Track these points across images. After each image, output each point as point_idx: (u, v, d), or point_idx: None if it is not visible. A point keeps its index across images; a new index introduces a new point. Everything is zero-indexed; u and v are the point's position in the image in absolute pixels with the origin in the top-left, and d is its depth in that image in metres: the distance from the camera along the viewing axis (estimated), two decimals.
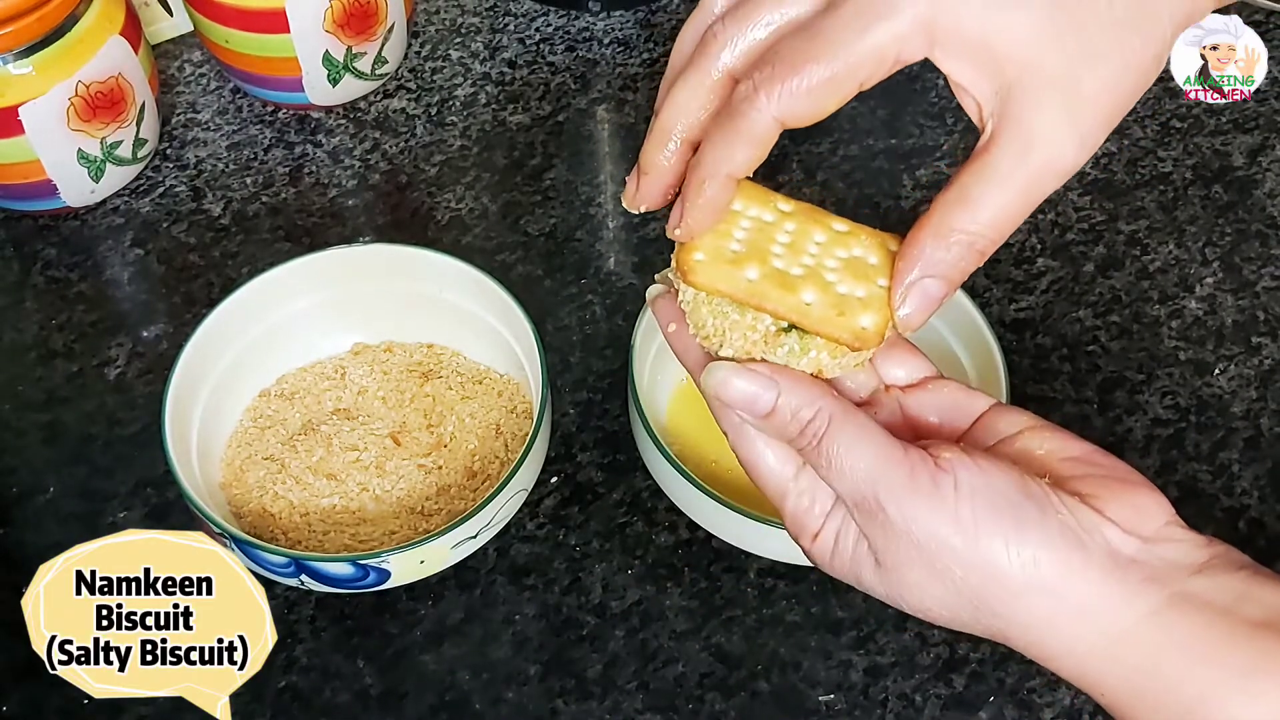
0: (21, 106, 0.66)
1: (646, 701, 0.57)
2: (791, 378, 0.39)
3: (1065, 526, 0.37)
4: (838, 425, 0.38)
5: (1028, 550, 0.37)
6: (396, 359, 0.66)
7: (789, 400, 0.39)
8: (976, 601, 0.38)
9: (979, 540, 0.37)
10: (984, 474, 0.37)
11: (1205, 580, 0.37)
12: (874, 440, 0.38)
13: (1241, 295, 0.71)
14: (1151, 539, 0.38)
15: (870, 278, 0.41)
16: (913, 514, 0.37)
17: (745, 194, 0.43)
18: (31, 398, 0.67)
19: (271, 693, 0.57)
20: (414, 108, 0.80)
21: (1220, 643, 0.36)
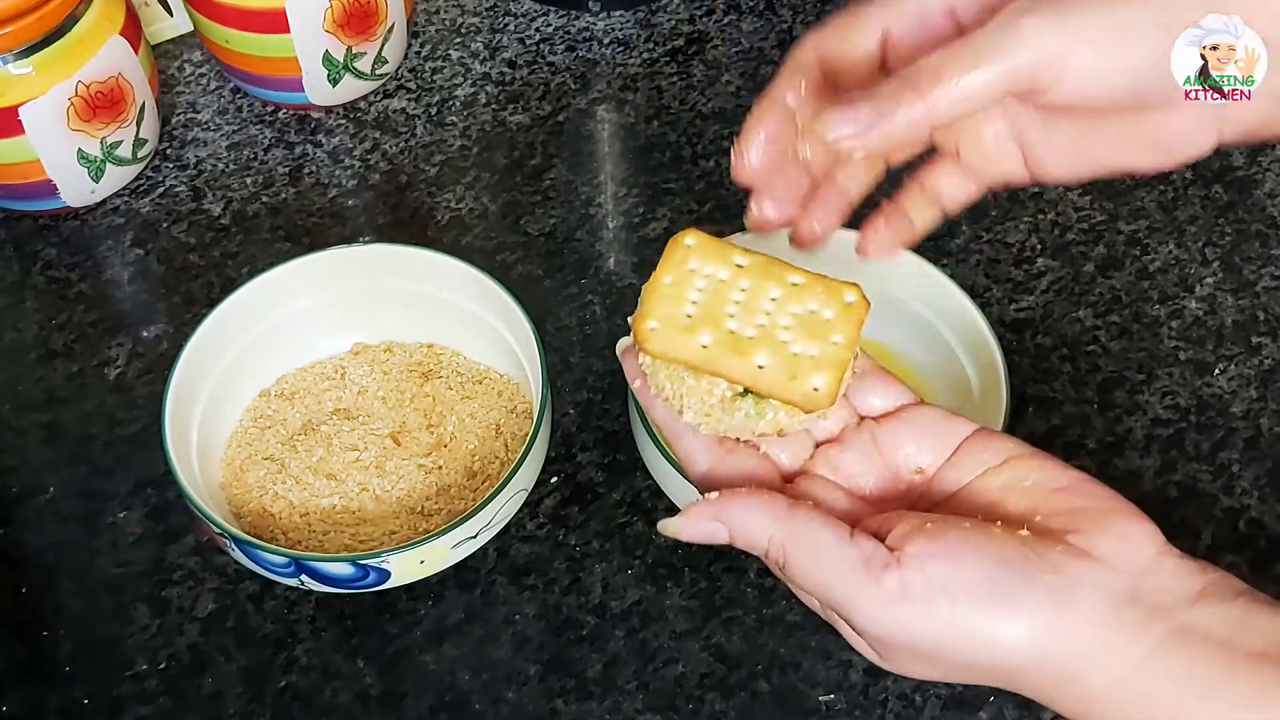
0: (21, 106, 0.66)
1: (646, 701, 0.57)
2: (739, 511, 0.39)
3: (1053, 588, 0.36)
4: (793, 552, 0.38)
5: (1019, 626, 0.36)
6: (396, 359, 0.66)
7: (741, 533, 0.39)
8: (981, 675, 0.38)
9: (966, 630, 0.36)
10: (953, 560, 0.37)
11: (1202, 610, 0.36)
12: (835, 560, 0.38)
13: (1241, 295, 0.71)
14: (1144, 572, 0.37)
15: (824, 335, 0.42)
16: (892, 624, 0.37)
17: (702, 252, 0.44)
18: (31, 398, 0.67)
19: (271, 693, 0.57)
20: (414, 108, 0.80)
21: (1220, 677, 0.35)
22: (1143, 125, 0.41)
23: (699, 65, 0.82)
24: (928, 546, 0.37)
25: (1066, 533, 0.38)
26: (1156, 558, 0.37)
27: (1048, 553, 0.37)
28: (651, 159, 0.78)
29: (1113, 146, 0.42)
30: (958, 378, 0.62)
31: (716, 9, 0.85)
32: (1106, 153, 0.42)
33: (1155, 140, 0.41)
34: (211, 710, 0.57)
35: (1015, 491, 0.40)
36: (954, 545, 0.37)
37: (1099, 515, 0.38)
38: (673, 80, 0.82)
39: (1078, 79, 0.38)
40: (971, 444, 0.42)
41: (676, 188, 0.76)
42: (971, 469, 0.41)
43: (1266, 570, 0.61)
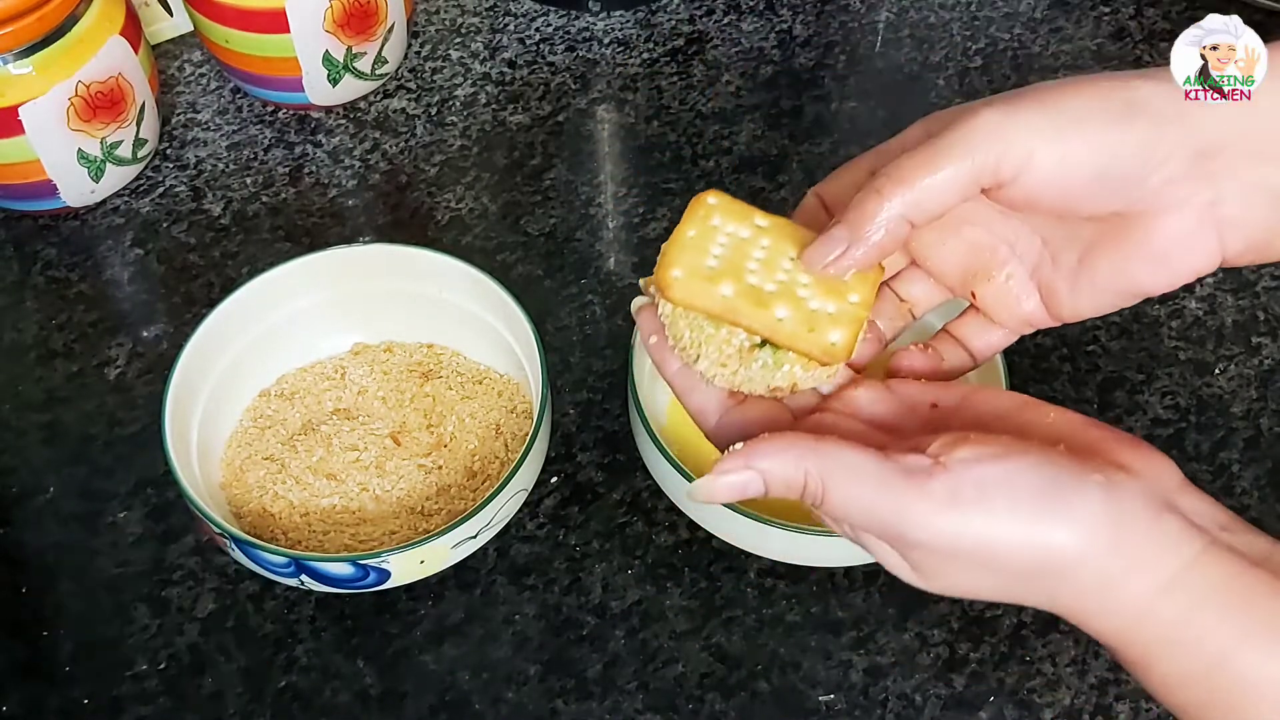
0: (21, 106, 0.66)
1: (646, 701, 0.57)
2: (768, 453, 0.39)
3: (1104, 489, 0.36)
4: (833, 480, 0.38)
5: (1073, 525, 0.36)
6: (396, 359, 0.66)
7: (776, 476, 0.39)
8: (1025, 584, 0.38)
9: (1021, 531, 0.36)
10: (1004, 461, 0.37)
11: (1233, 536, 0.37)
12: (875, 478, 0.38)
13: (1241, 295, 0.71)
14: (1178, 491, 0.38)
15: (841, 294, 0.43)
16: (947, 531, 0.37)
17: (724, 211, 0.45)
18: (31, 398, 0.67)
19: (271, 693, 0.57)
20: (414, 108, 0.80)
21: (1252, 594, 0.35)
22: (1135, 235, 0.41)
23: (699, 65, 0.82)
24: (975, 451, 0.37)
25: (1097, 454, 0.38)
26: (1182, 486, 0.38)
27: (1089, 461, 0.37)
28: (651, 159, 0.78)
29: (1114, 266, 0.42)
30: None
31: (716, 9, 0.85)
32: (1111, 274, 0.42)
33: (1153, 253, 0.41)
34: (211, 710, 0.57)
35: (1038, 427, 0.40)
36: (1001, 450, 0.37)
37: (1126, 444, 0.39)
38: (673, 80, 0.82)
39: (1042, 169, 0.39)
40: (982, 393, 0.43)
41: (676, 188, 0.76)
42: (988, 411, 0.42)
43: None
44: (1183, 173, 0.39)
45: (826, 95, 0.81)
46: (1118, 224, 0.41)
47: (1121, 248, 0.41)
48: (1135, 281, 0.42)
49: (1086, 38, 0.83)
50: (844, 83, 0.82)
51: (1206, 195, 0.40)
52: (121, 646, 0.59)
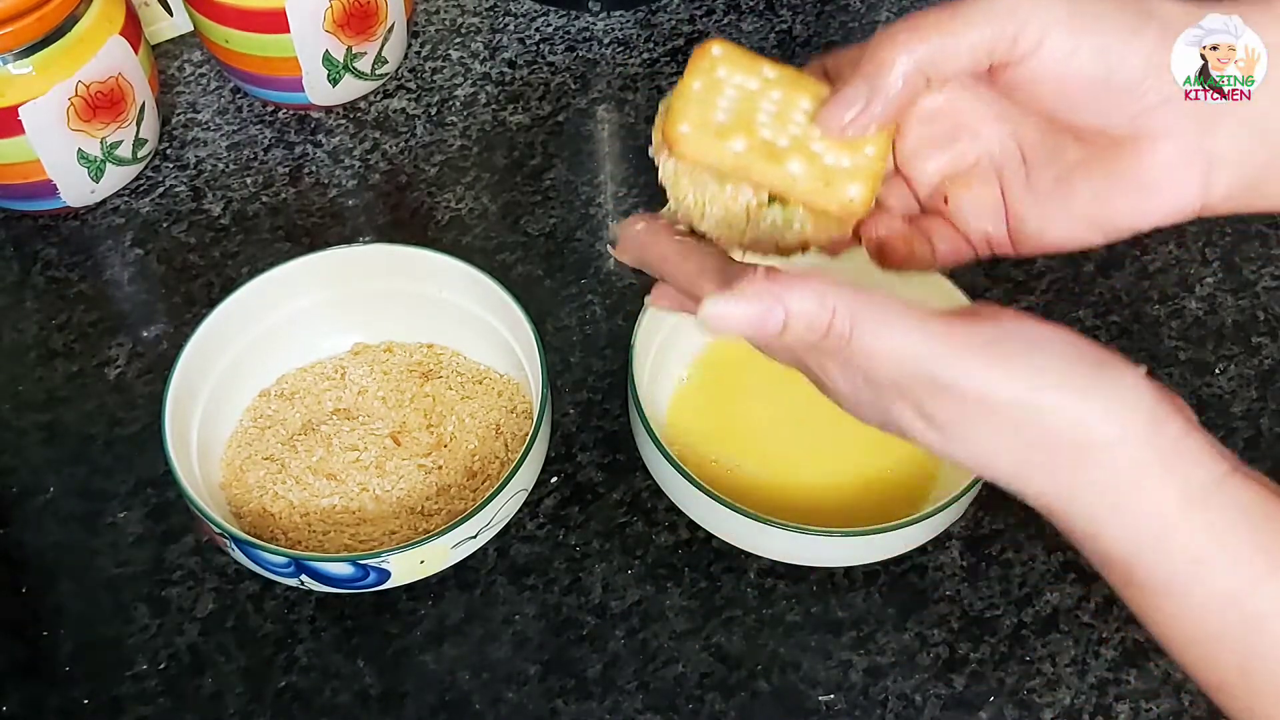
0: (21, 106, 0.66)
1: (646, 701, 0.57)
2: (793, 283, 0.36)
3: (1147, 381, 0.35)
4: (861, 318, 0.35)
5: (1122, 404, 0.34)
6: (396, 359, 0.66)
7: (800, 309, 0.35)
8: (1053, 456, 0.35)
9: (1067, 395, 0.34)
10: (1048, 330, 0.35)
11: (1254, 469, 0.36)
12: (910, 320, 0.35)
13: (1241, 295, 0.71)
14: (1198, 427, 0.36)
15: (857, 147, 0.40)
16: (984, 378, 0.34)
17: (730, 61, 0.42)
18: (31, 398, 0.67)
19: (271, 693, 0.57)
20: (414, 108, 0.80)
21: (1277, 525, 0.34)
22: (1122, 159, 0.40)
23: None
24: (1022, 315, 0.36)
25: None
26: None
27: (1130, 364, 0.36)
28: (651, 159, 0.77)
29: (1094, 191, 0.41)
30: None
31: (716, 9, 0.85)
32: (1088, 199, 0.41)
33: (1137, 181, 0.40)
34: (211, 710, 0.57)
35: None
36: (1048, 323, 0.36)
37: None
38: (673, 80, 0.82)
39: (1050, 58, 0.38)
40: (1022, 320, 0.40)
41: None
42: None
43: None
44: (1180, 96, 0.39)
45: None
46: (1105, 146, 0.40)
47: (1105, 171, 0.40)
48: (1111, 210, 0.41)
49: None
50: None
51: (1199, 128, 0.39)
52: (121, 646, 0.59)
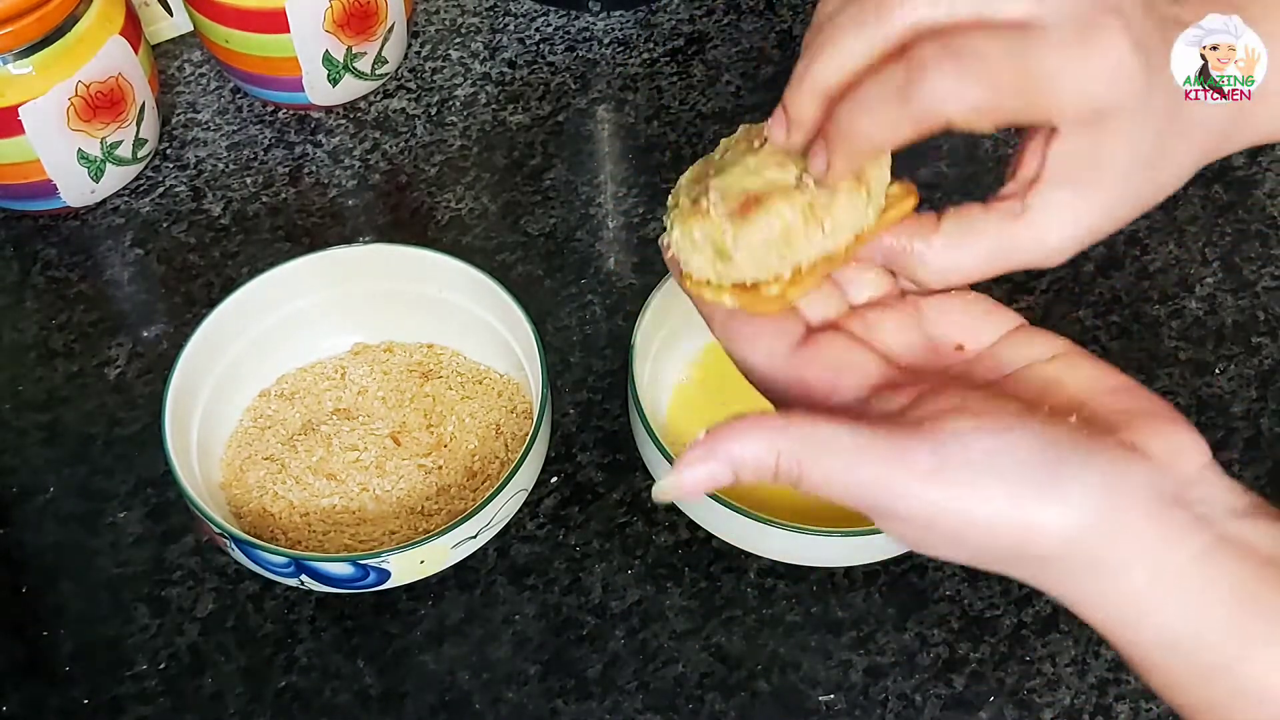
0: (21, 106, 0.66)
1: (646, 701, 0.57)
2: (734, 439, 0.36)
3: (1106, 474, 0.34)
4: (808, 457, 0.35)
5: (1069, 510, 0.33)
6: (396, 359, 0.66)
7: (745, 459, 0.36)
8: (1011, 559, 0.35)
9: (1012, 511, 0.34)
10: (1001, 435, 0.34)
11: (1247, 526, 0.34)
12: (854, 449, 0.35)
13: (1241, 295, 0.71)
14: (1191, 480, 0.35)
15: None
16: (926, 503, 0.34)
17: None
18: (31, 398, 0.67)
19: (271, 693, 0.57)
20: (414, 108, 0.80)
21: (1259, 596, 0.33)
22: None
23: (699, 65, 0.82)
24: (969, 422, 0.34)
25: (1116, 429, 0.36)
26: (1204, 469, 0.36)
27: (1098, 440, 0.35)
28: (651, 159, 0.78)
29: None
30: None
31: (716, 9, 0.85)
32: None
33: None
34: (211, 710, 0.57)
35: (1063, 386, 0.38)
36: (999, 423, 0.34)
37: (1151, 418, 0.36)
38: (673, 80, 0.82)
39: None
40: (1019, 335, 0.40)
41: None
42: (1016, 360, 0.39)
43: None
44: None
45: None
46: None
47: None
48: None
49: None
50: None
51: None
52: (121, 646, 0.59)
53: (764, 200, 0.38)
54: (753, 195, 0.38)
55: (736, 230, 0.38)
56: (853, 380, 0.39)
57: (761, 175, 0.38)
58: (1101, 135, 0.37)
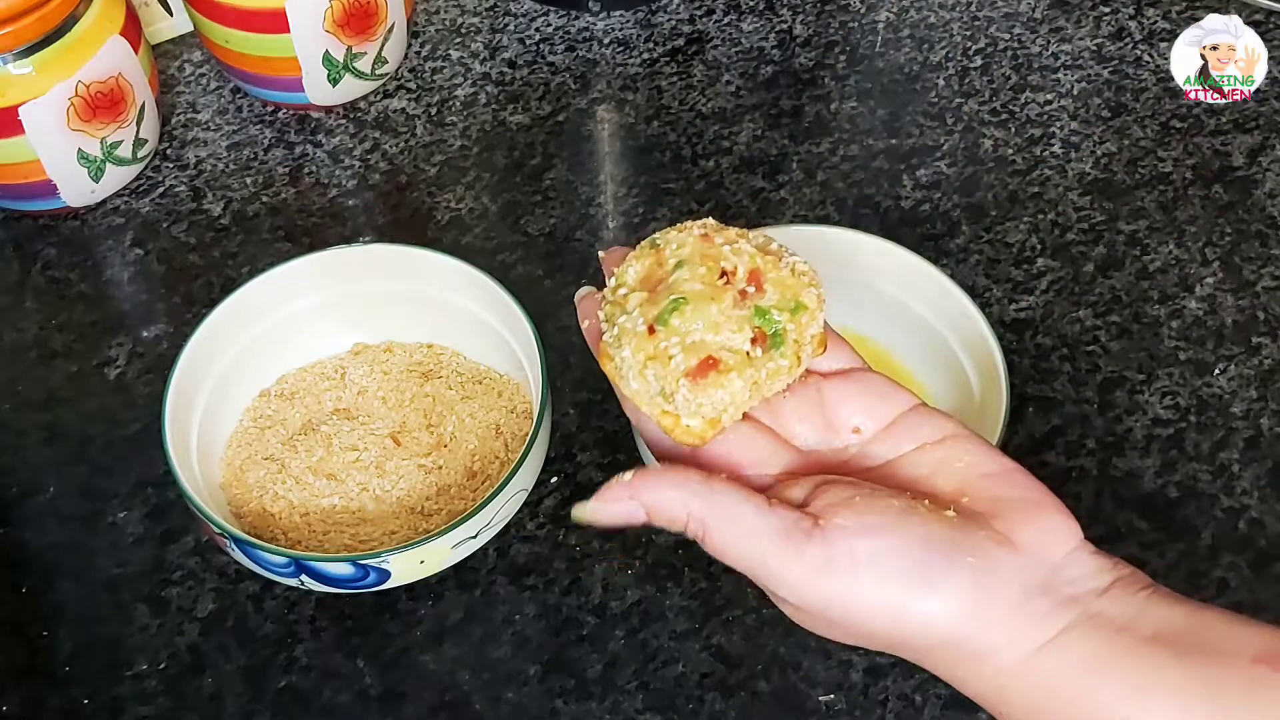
0: (21, 106, 0.66)
1: (646, 701, 0.57)
2: (655, 488, 0.39)
3: (975, 571, 0.37)
4: (714, 525, 0.39)
5: (940, 606, 0.37)
6: (396, 359, 0.66)
7: (657, 507, 0.39)
8: (891, 646, 0.39)
9: (888, 606, 0.37)
10: (881, 536, 0.37)
11: (1106, 601, 0.37)
12: (754, 531, 0.38)
13: (1242, 295, 0.71)
14: (1060, 564, 0.38)
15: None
16: (815, 596, 0.38)
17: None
18: (31, 398, 0.67)
19: (271, 693, 0.57)
20: (414, 108, 0.80)
21: (1115, 659, 0.36)
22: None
23: (699, 65, 0.82)
24: (855, 520, 0.38)
25: (992, 517, 0.39)
26: (1073, 552, 0.38)
27: (971, 535, 0.38)
28: (651, 159, 0.78)
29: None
30: (958, 378, 0.62)
31: (716, 9, 0.85)
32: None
33: None
34: (211, 710, 0.57)
35: (947, 471, 0.41)
36: (881, 521, 0.38)
37: (1024, 506, 0.39)
38: (673, 80, 0.82)
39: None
40: (912, 416, 0.43)
41: (676, 188, 0.76)
42: (907, 441, 0.42)
43: (1267, 570, 0.61)
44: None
45: (826, 95, 0.81)
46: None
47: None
48: None
49: (1086, 38, 0.83)
50: (844, 83, 0.82)
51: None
52: (121, 646, 0.59)
53: (721, 368, 0.40)
54: (710, 359, 0.41)
55: (691, 389, 0.41)
56: (755, 471, 0.42)
57: (721, 333, 0.41)
58: None
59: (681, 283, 0.42)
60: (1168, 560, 0.61)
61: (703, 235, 0.43)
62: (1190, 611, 0.37)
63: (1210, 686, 0.35)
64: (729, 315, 0.41)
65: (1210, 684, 0.35)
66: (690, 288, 0.42)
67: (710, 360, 0.40)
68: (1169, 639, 0.36)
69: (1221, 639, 0.36)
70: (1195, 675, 0.36)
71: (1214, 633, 0.37)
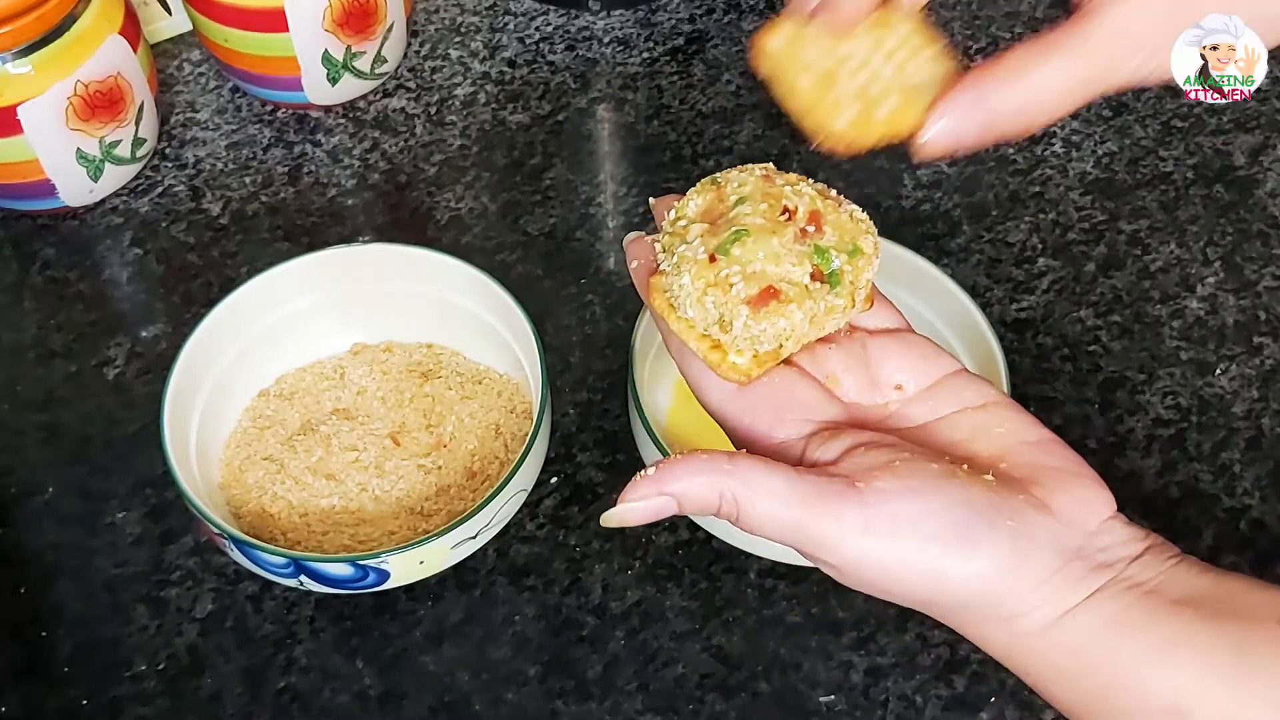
0: (20, 106, 0.66)
1: (646, 702, 0.57)
2: (681, 476, 0.39)
3: (1014, 534, 0.37)
4: (747, 499, 0.38)
5: (977, 566, 0.37)
6: (396, 359, 0.66)
7: (687, 495, 0.39)
8: (928, 602, 0.39)
9: (927, 566, 0.37)
10: (922, 498, 0.37)
11: (1137, 567, 0.38)
12: (790, 497, 0.38)
13: (1243, 295, 0.71)
14: (1095, 532, 0.39)
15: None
16: (853, 555, 0.38)
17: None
18: (30, 398, 0.67)
19: (271, 693, 0.57)
20: (413, 107, 0.80)
21: (1142, 620, 0.37)
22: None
23: (699, 65, 0.82)
24: (895, 483, 0.38)
25: (1030, 484, 0.39)
26: (1107, 522, 0.39)
27: (1010, 499, 0.38)
28: (651, 159, 0.77)
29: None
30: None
31: (716, 9, 0.85)
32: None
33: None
34: (210, 711, 0.57)
35: (986, 436, 0.41)
36: (922, 484, 0.38)
37: (1062, 475, 0.39)
38: (673, 80, 0.81)
39: None
40: (954, 380, 0.43)
41: (676, 188, 0.75)
42: (949, 404, 0.42)
43: (1268, 571, 0.61)
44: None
45: None
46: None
47: None
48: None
49: None
50: None
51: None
52: (120, 647, 0.58)
53: (781, 298, 0.40)
54: (770, 288, 0.40)
55: (750, 317, 0.40)
56: (795, 417, 0.42)
57: (781, 265, 0.41)
58: None
59: (743, 216, 0.42)
60: None
61: (764, 176, 0.44)
62: (1217, 577, 0.38)
63: (1235, 645, 0.36)
64: (790, 249, 0.41)
65: (1235, 643, 0.36)
66: (752, 221, 0.42)
67: (771, 290, 0.40)
68: (1196, 601, 0.37)
69: (1247, 602, 0.37)
70: (1221, 635, 0.36)
71: (1240, 597, 0.37)
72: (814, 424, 0.42)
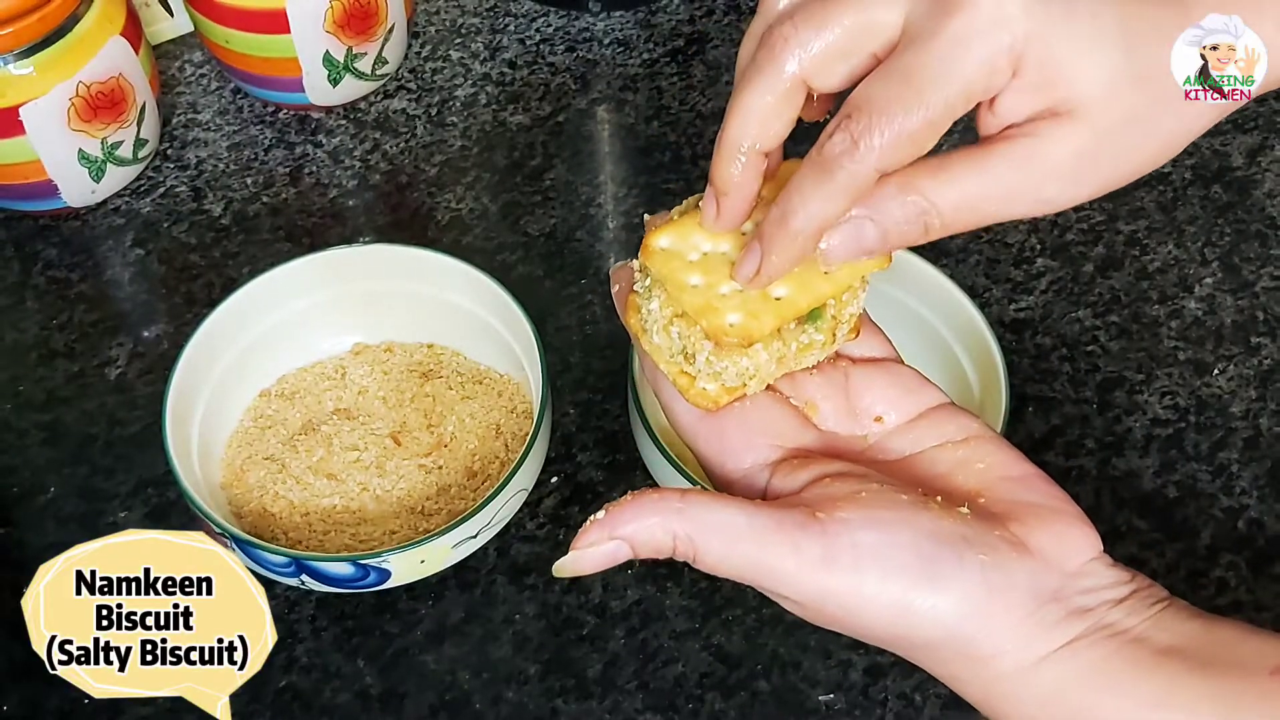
0: (22, 107, 0.66)
1: (646, 701, 0.57)
2: (631, 519, 0.37)
3: (986, 569, 0.36)
4: (701, 540, 0.37)
5: (946, 603, 0.35)
6: (396, 359, 0.66)
7: (641, 539, 0.37)
8: (894, 640, 0.38)
9: (892, 601, 0.36)
10: (886, 529, 0.36)
11: (1120, 612, 0.36)
12: (747, 533, 0.36)
13: (1241, 295, 0.71)
14: (1075, 574, 0.37)
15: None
16: (813, 590, 0.36)
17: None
18: (32, 398, 0.67)
19: (271, 693, 0.57)
20: (414, 108, 0.80)
21: (1127, 672, 0.35)
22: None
23: (699, 65, 0.82)
24: (859, 513, 0.36)
25: (1008, 520, 0.37)
26: (1090, 563, 0.37)
27: (985, 534, 0.36)
28: (651, 159, 0.78)
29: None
30: (958, 378, 0.62)
31: (716, 9, 0.85)
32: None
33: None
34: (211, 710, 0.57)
35: (966, 470, 0.39)
36: (888, 515, 0.36)
37: (1043, 511, 0.38)
38: (673, 80, 0.82)
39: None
40: (937, 413, 0.41)
41: (676, 188, 0.76)
42: (929, 438, 0.41)
43: (1265, 570, 0.61)
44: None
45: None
46: None
47: None
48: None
49: None
50: None
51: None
52: None
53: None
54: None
55: (715, 353, 0.39)
56: (766, 442, 0.40)
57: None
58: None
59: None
60: (1167, 560, 0.61)
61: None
62: (1206, 624, 0.36)
63: (1227, 701, 0.34)
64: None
65: (1227, 698, 0.34)
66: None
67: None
68: (1184, 651, 0.35)
69: (1238, 652, 0.35)
70: (1211, 689, 0.34)
71: (1230, 646, 0.35)
72: (783, 450, 0.40)
